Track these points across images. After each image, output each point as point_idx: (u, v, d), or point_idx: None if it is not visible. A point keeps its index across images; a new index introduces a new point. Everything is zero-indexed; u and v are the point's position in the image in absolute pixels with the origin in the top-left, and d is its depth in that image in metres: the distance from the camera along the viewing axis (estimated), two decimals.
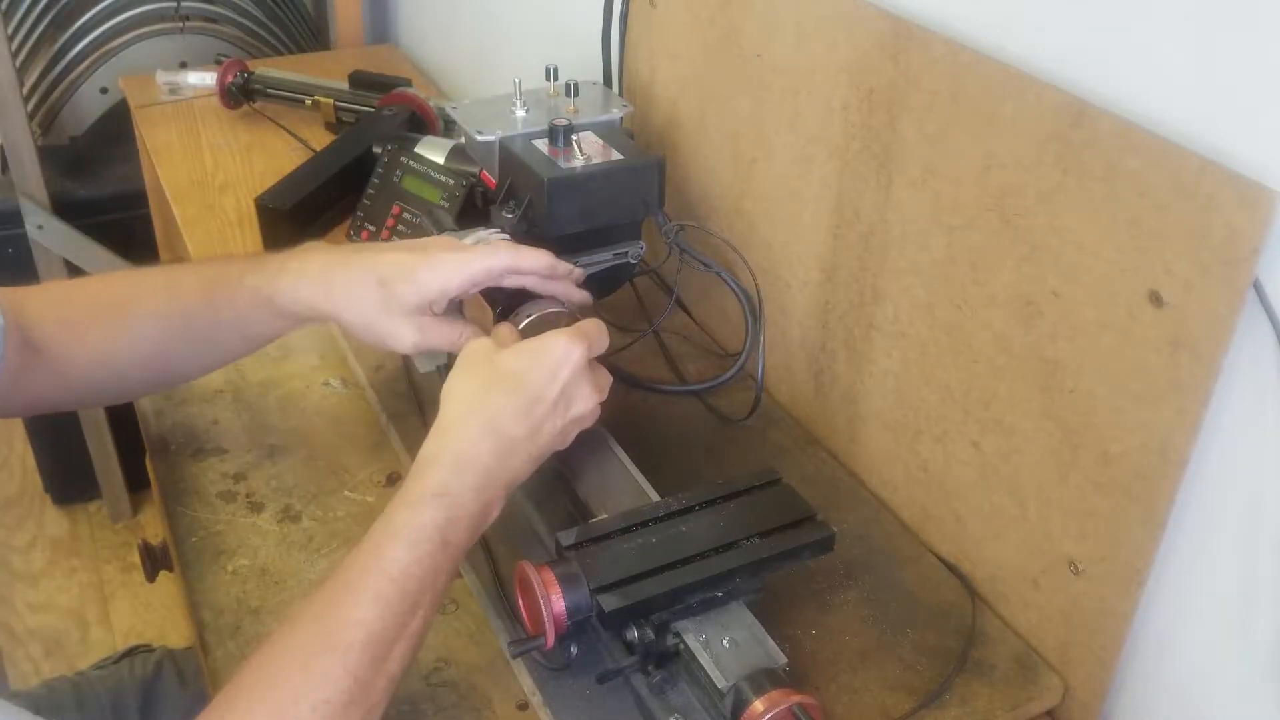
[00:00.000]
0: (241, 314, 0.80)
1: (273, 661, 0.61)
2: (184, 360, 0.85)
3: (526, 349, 0.72)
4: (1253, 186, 0.58)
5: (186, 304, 0.81)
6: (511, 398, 0.70)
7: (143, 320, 0.81)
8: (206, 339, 0.83)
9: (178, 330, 0.81)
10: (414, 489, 0.67)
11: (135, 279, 0.84)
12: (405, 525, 0.65)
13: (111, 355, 0.81)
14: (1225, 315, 0.61)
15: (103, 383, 0.83)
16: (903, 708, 0.74)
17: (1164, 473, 0.66)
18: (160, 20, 1.93)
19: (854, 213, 0.87)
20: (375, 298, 0.77)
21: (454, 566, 0.67)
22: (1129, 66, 0.66)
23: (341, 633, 0.61)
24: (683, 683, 0.70)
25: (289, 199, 1.29)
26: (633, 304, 1.09)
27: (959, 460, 0.83)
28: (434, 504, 0.66)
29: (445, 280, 0.76)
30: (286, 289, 0.79)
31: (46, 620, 1.92)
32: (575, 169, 0.86)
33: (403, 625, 0.63)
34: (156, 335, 0.81)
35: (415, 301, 0.77)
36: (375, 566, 0.63)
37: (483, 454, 0.69)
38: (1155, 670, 0.74)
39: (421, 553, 0.64)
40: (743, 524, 0.73)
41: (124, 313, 0.81)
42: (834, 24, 0.85)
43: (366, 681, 0.61)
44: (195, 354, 0.84)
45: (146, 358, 0.82)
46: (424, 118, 1.45)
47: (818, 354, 0.96)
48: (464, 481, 0.67)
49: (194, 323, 0.81)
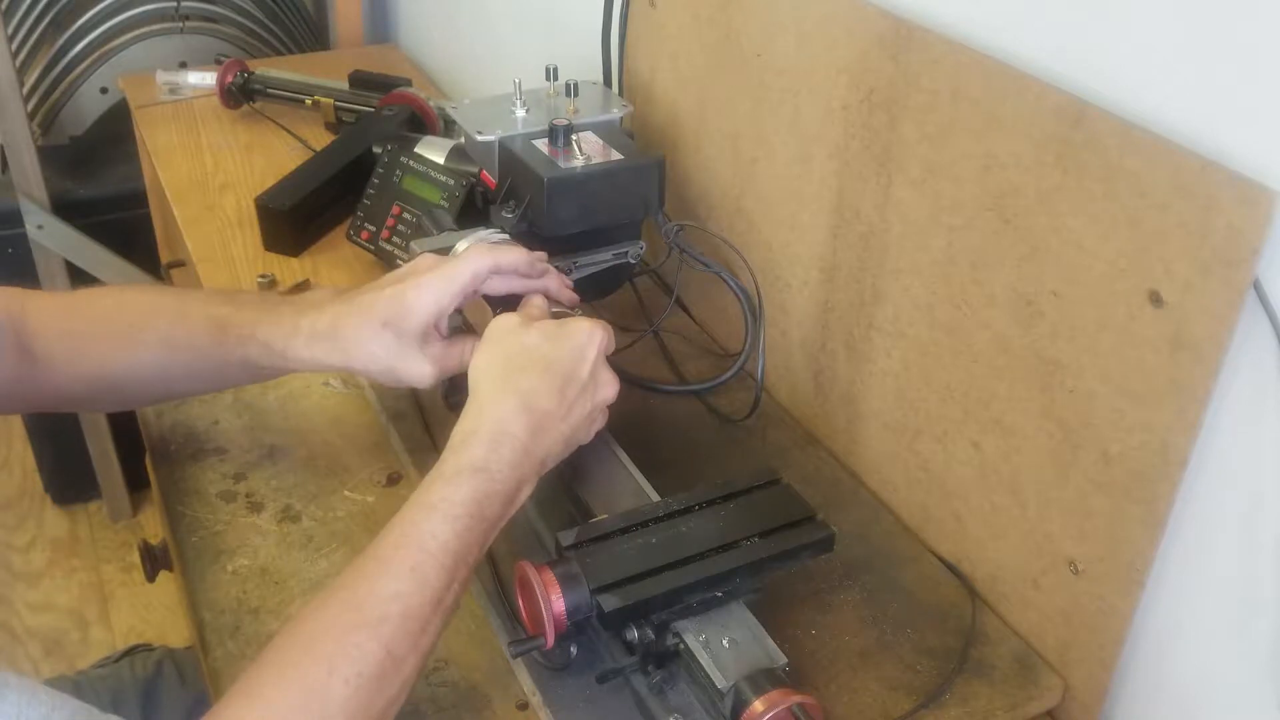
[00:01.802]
0: (251, 360, 0.81)
1: (305, 635, 0.61)
2: (186, 385, 0.86)
3: (552, 330, 0.74)
4: (1253, 186, 0.58)
5: (195, 339, 0.81)
6: (544, 376, 0.71)
7: (149, 345, 0.81)
8: (212, 374, 0.84)
9: (184, 361, 0.82)
10: (451, 463, 0.68)
11: (146, 301, 0.84)
12: (443, 500, 0.66)
13: (113, 373, 0.81)
14: (1225, 315, 0.61)
15: (100, 396, 0.84)
16: (903, 708, 0.74)
17: (1164, 473, 0.66)
18: (160, 20, 1.93)
19: (854, 213, 0.87)
20: (383, 342, 0.77)
21: (487, 542, 0.68)
22: (1129, 66, 0.66)
23: (376, 606, 0.61)
24: (683, 683, 0.70)
25: (289, 199, 1.29)
26: (633, 304, 1.09)
27: (959, 460, 0.83)
28: (472, 479, 0.67)
29: (437, 298, 0.77)
30: (301, 349, 0.79)
31: (46, 620, 1.92)
32: (575, 169, 0.86)
33: (438, 600, 0.63)
34: (161, 361, 0.82)
35: (418, 329, 0.77)
36: (412, 540, 0.64)
37: (519, 431, 0.69)
38: (1155, 670, 0.74)
39: (460, 527, 0.65)
40: (743, 524, 0.73)
41: (131, 335, 0.82)
42: (834, 24, 0.85)
43: (400, 656, 0.61)
44: (199, 382, 0.86)
45: (149, 379, 0.83)
46: (424, 118, 1.45)
47: (818, 354, 0.96)
48: (501, 457, 0.68)
49: (201, 358, 0.82)
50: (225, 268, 1.28)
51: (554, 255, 0.89)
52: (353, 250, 1.27)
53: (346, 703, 0.59)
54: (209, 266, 1.28)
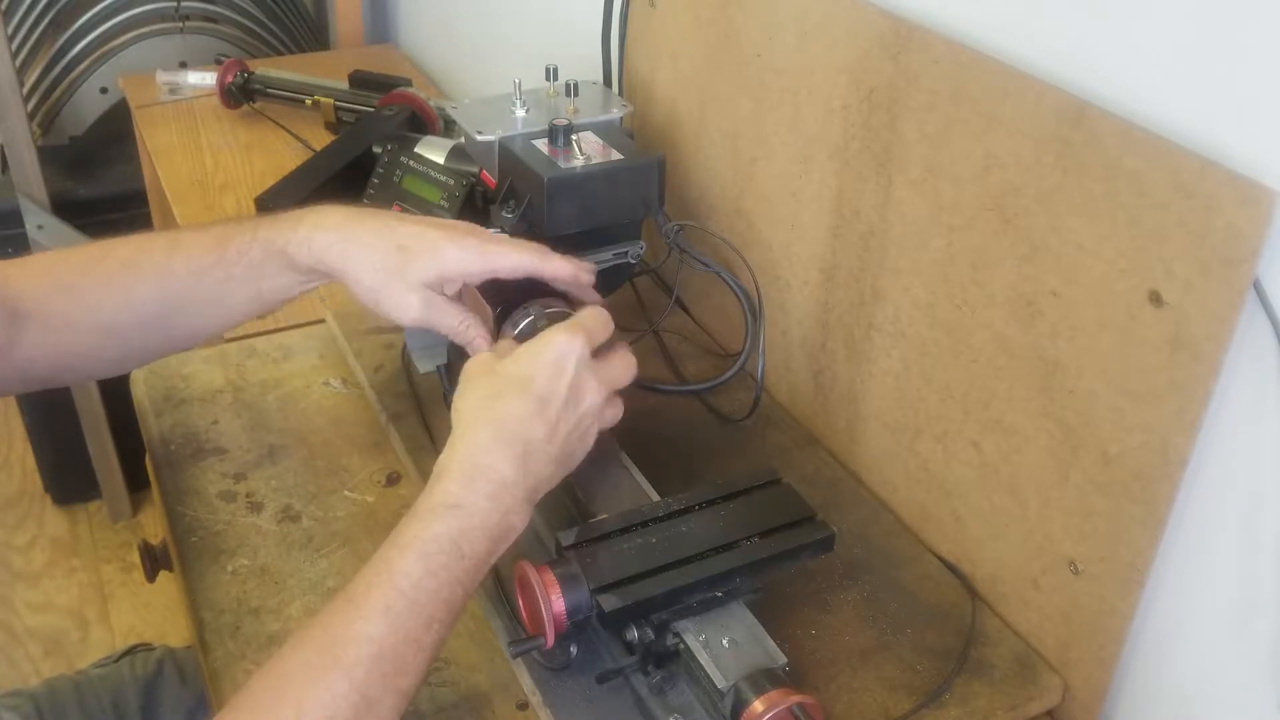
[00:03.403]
0: (255, 266, 0.78)
1: (278, 677, 0.59)
2: (189, 320, 0.82)
3: (525, 351, 0.71)
4: (1253, 186, 0.58)
5: (195, 261, 0.79)
6: (520, 400, 0.69)
7: (145, 278, 0.79)
8: (216, 297, 0.80)
9: (185, 289, 0.79)
10: (424, 502, 0.66)
11: (136, 241, 0.81)
12: (415, 538, 0.63)
13: (113, 317, 0.79)
14: (1225, 315, 0.61)
15: (102, 349, 0.81)
16: (902, 708, 0.74)
17: (1164, 473, 0.66)
18: (160, 20, 1.93)
19: (854, 213, 0.87)
20: (391, 262, 0.75)
21: (473, 579, 0.65)
22: (1129, 66, 0.66)
23: (349, 648, 0.59)
24: (682, 683, 0.70)
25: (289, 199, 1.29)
26: (633, 304, 1.09)
27: (959, 460, 0.83)
28: (446, 515, 0.64)
29: (469, 263, 0.75)
30: (302, 239, 0.77)
31: (46, 620, 1.92)
32: (575, 169, 0.86)
33: (415, 640, 0.61)
34: (161, 295, 0.79)
35: (432, 276, 0.75)
36: (385, 580, 0.62)
37: (496, 462, 0.67)
38: (1155, 670, 0.74)
39: (435, 565, 0.63)
40: (743, 524, 0.73)
41: (124, 271, 0.79)
42: (834, 24, 0.85)
43: (375, 698, 0.59)
44: (202, 313, 0.81)
45: (150, 319, 0.80)
46: (424, 118, 1.45)
47: (818, 354, 0.96)
48: (477, 490, 0.66)
49: (204, 280, 0.79)
50: None
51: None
52: None
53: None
54: None
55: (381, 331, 1.05)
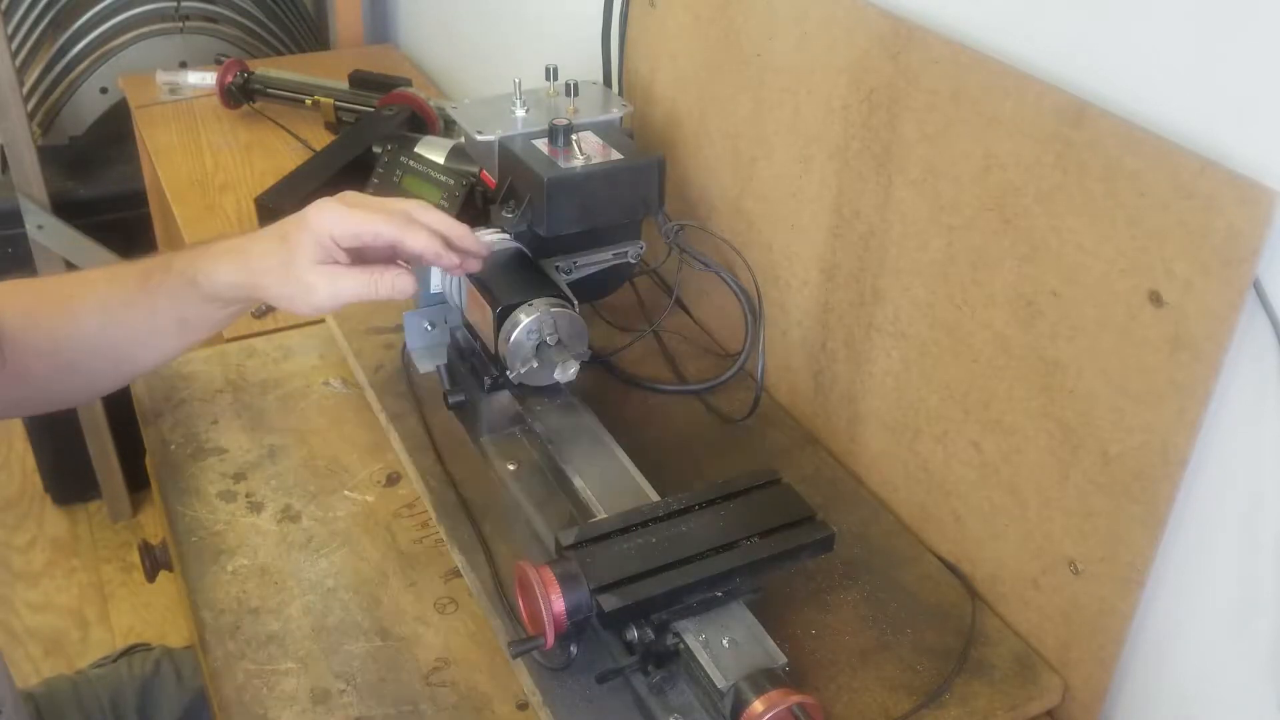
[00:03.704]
0: (174, 297, 0.81)
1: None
2: (129, 350, 0.84)
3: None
4: (1253, 186, 0.58)
5: (125, 293, 0.82)
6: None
7: (87, 310, 0.82)
8: (147, 329, 0.83)
9: (119, 319, 0.82)
10: None
11: (83, 273, 0.86)
12: None
13: (61, 345, 0.81)
14: (1225, 315, 0.61)
15: (57, 377, 0.83)
16: (902, 708, 0.74)
17: (1164, 473, 0.66)
18: (160, 20, 1.93)
19: (854, 213, 0.87)
20: (281, 253, 0.77)
21: None
22: (1129, 66, 0.66)
23: None
24: (682, 683, 0.70)
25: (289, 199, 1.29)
26: (633, 304, 1.09)
27: (959, 460, 0.83)
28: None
29: (331, 223, 0.76)
30: (208, 268, 0.79)
31: (46, 620, 1.92)
32: (575, 169, 0.86)
33: None
34: (101, 325, 0.82)
35: (312, 248, 0.76)
36: None
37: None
38: (1155, 670, 0.74)
39: None
40: (743, 524, 0.73)
41: (71, 302, 0.82)
42: (834, 24, 0.85)
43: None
44: (139, 344, 0.84)
45: (95, 348, 0.82)
46: (424, 118, 1.45)
47: (818, 354, 0.96)
48: None
49: (133, 311, 0.82)
50: None
51: (554, 255, 0.90)
52: None
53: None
54: None
55: (381, 331, 1.05)
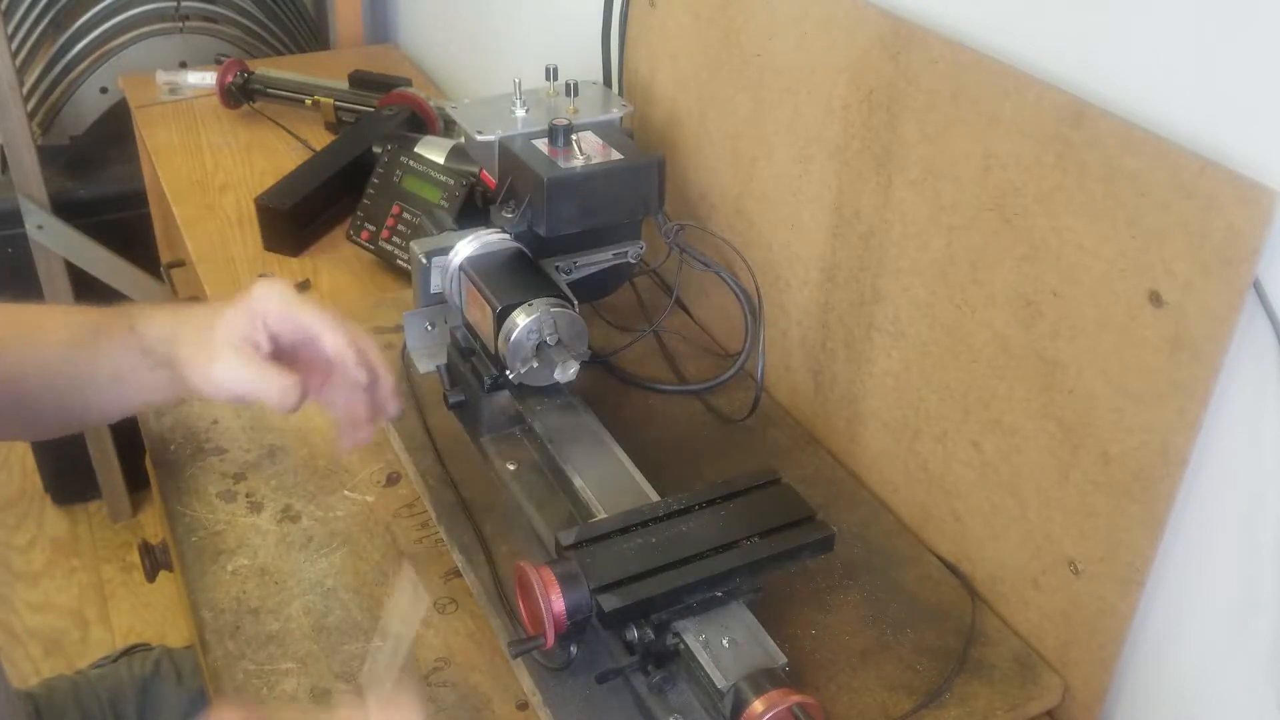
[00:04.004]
0: (114, 346, 0.78)
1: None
2: (73, 397, 0.80)
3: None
4: (1253, 186, 0.58)
5: (79, 334, 0.79)
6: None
7: (43, 346, 0.78)
8: (88, 376, 0.79)
9: (68, 361, 0.78)
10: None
11: (51, 307, 0.83)
12: None
13: (19, 379, 0.78)
14: (1225, 315, 0.61)
15: (9, 412, 0.79)
16: (902, 708, 0.74)
17: (1164, 473, 0.66)
18: (160, 20, 1.93)
19: (854, 213, 0.87)
20: (211, 317, 0.75)
21: None
22: (1129, 66, 0.66)
23: None
24: (682, 683, 0.70)
25: (289, 199, 1.29)
26: (633, 304, 1.09)
27: (959, 460, 0.83)
28: None
29: (270, 301, 0.74)
30: (147, 315, 0.78)
31: (46, 620, 1.92)
32: (575, 169, 0.86)
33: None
34: (53, 363, 0.79)
35: (239, 319, 0.74)
36: None
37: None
38: (1155, 670, 0.74)
39: None
40: (743, 524, 0.73)
41: (32, 331, 0.79)
42: (834, 24, 0.85)
43: None
44: (81, 391, 0.80)
45: (43, 386, 0.79)
46: (424, 118, 1.45)
47: (818, 354, 0.96)
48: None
49: (81, 354, 0.78)
50: (225, 268, 1.28)
51: (554, 255, 0.90)
52: (353, 250, 1.27)
53: None
54: (209, 266, 1.28)
55: (381, 331, 1.04)
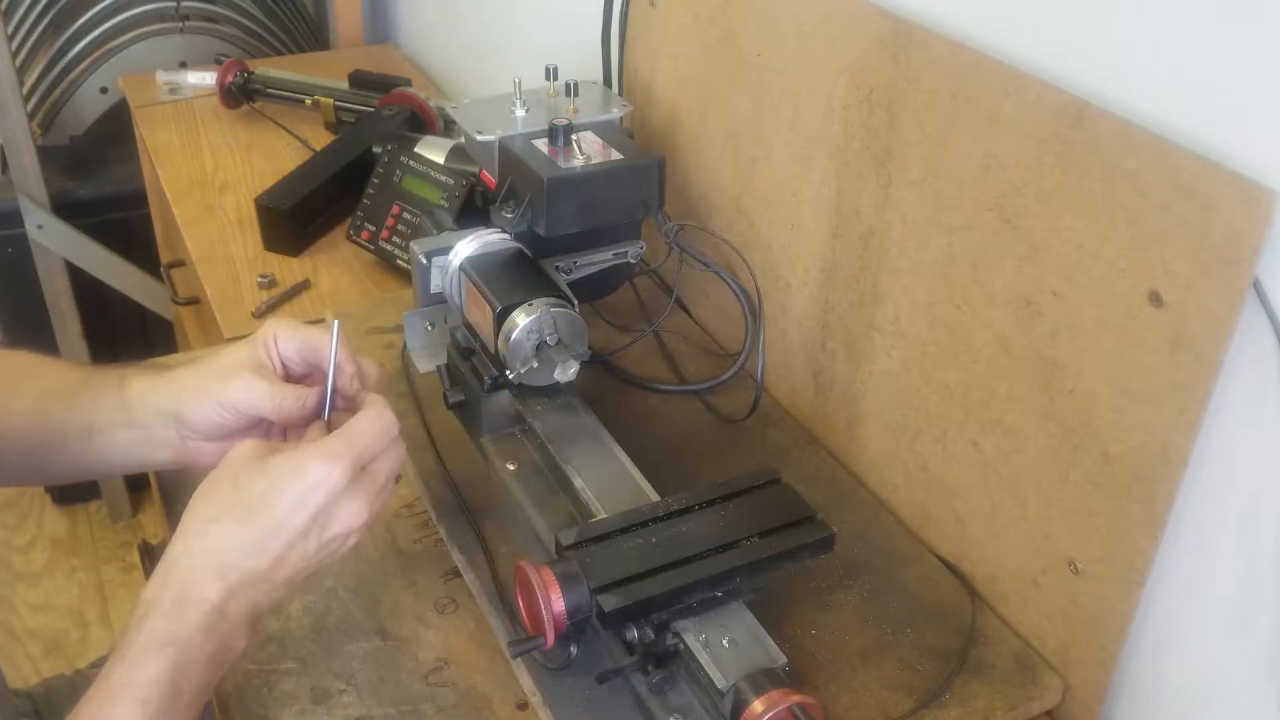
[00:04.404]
0: (96, 399, 0.76)
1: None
2: (43, 448, 0.77)
3: (275, 470, 0.65)
4: (1253, 186, 0.58)
5: (61, 387, 0.77)
6: (242, 529, 0.64)
7: (26, 396, 0.77)
8: (60, 429, 0.76)
9: (44, 412, 0.77)
10: (133, 640, 0.61)
11: (38, 358, 0.81)
12: (130, 683, 0.60)
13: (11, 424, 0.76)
14: (1225, 315, 0.61)
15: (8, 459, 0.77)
16: (902, 708, 0.74)
17: (1164, 473, 0.66)
18: (160, 20, 1.93)
19: (854, 212, 0.87)
20: (212, 354, 0.75)
21: (194, 711, 0.62)
22: (1129, 66, 0.66)
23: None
24: (683, 683, 0.70)
25: (289, 199, 1.29)
26: (633, 304, 1.09)
27: (959, 460, 0.83)
28: (158, 655, 0.60)
29: (278, 327, 0.74)
30: (140, 371, 0.77)
31: (46, 620, 1.92)
32: (575, 169, 0.86)
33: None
34: (29, 413, 0.77)
35: (247, 346, 0.74)
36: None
37: (207, 592, 0.63)
38: (1155, 670, 0.74)
39: (152, 710, 0.59)
40: (743, 524, 0.73)
41: (14, 386, 0.78)
42: (834, 24, 0.85)
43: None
44: (51, 444, 0.77)
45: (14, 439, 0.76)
46: (424, 118, 1.45)
47: (818, 354, 0.96)
48: (189, 623, 0.62)
49: (57, 404, 0.76)
50: (225, 268, 1.28)
51: (554, 255, 0.90)
52: (353, 250, 1.27)
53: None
54: (209, 266, 1.28)
55: (381, 331, 1.04)
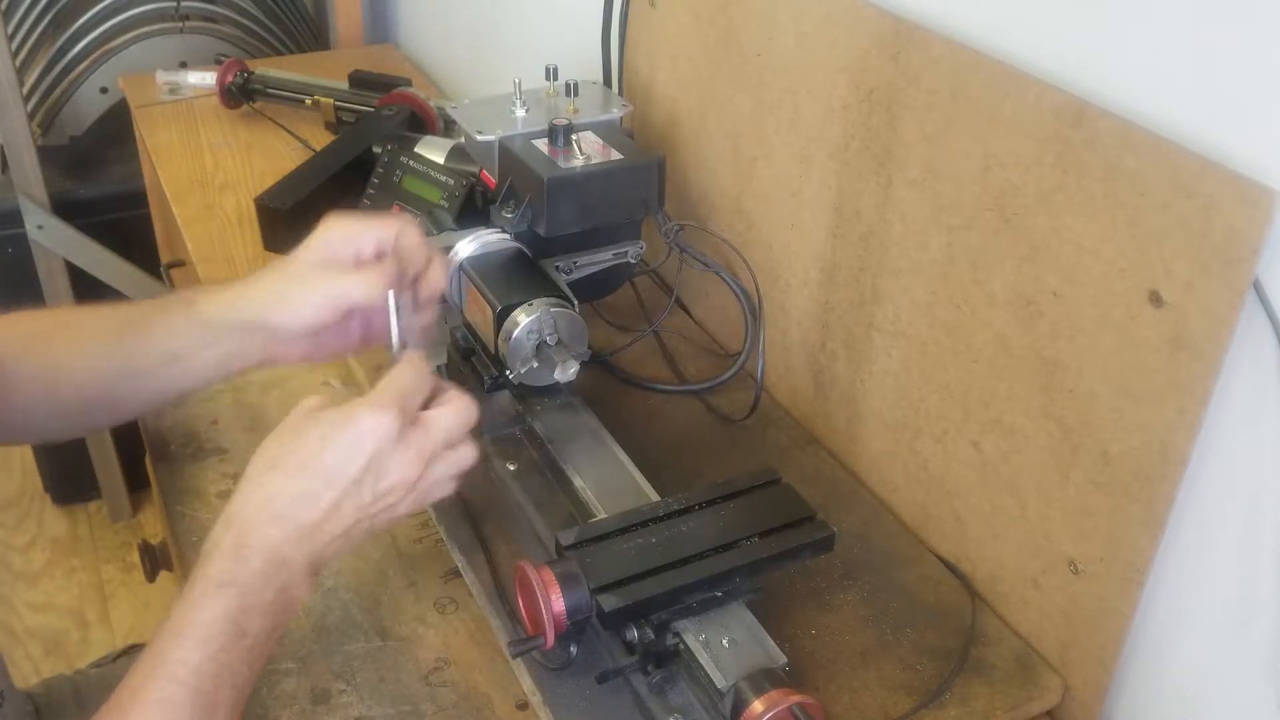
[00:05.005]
0: (169, 327, 0.78)
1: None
2: (120, 386, 0.79)
3: (328, 420, 0.66)
4: (1253, 186, 0.58)
5: (123, 325, 0.79)
6: (297, 478, 0.65)
7: (84, 341, 0.79)
8: (138, 363, 0.78)
9: (113, 352, 0.78)
10: (198, 581, 0.63)
11: (87, 305, 0.82)
12: (191, 622, 0.61)
13: (54, 376, 0.78)
14: (1225, 315, 0.61)
15: (42, 408, 0.79)
16: (903, 708, 0.74)
17: (1164, 473, 0.66)
18: (160, 20, 1.93)
19: (854, 212, 0.87)
20: (281, 261, 0.77)
21: (258, 657, 0.63)
22: (1129, 66, 0.66)
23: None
24: (683, 683, 0.70)
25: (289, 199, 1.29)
26: (633, 304, 1.09)
27: (959, 460, 0.83)
28: (217, 596, 0.62)
29: (335, 225, 0.78)
30: (209, 290, 0.78)
31: (46, 620, 1.92)
32: (575, 169, 0.86)
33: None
34: (94, 358, 0.78)
35: (313, 245, 0.77)
36: (160, 671, 0.60)
37: (268, 539, 0.64)
38: (1155, 670, 0.74)
39: (214, 649, 0.60)
40: (743, 524, 0.73)
41: (68, 331, 0.79)
42: (834, 24, 0.85)
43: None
44: (128, 380, 0.79)
45: (84, 383, 0.78)
46: (424, 118, 1.45)
47: (818, 354, 0.96)
48: (250, 567, 0.63)
49: (127, 344, 0.78)
50: (225, 268, 1.28)
51: (554, 255, 0.90)
52: None
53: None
54: (209, 266, 1.28)
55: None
